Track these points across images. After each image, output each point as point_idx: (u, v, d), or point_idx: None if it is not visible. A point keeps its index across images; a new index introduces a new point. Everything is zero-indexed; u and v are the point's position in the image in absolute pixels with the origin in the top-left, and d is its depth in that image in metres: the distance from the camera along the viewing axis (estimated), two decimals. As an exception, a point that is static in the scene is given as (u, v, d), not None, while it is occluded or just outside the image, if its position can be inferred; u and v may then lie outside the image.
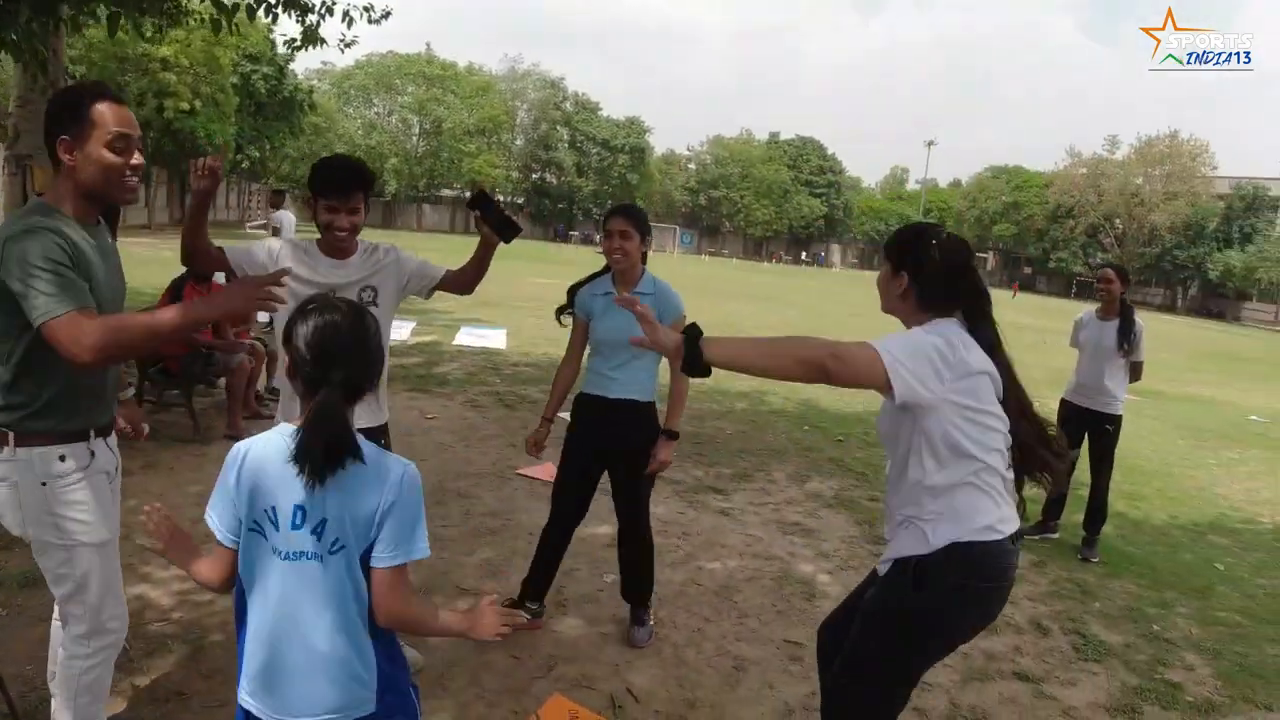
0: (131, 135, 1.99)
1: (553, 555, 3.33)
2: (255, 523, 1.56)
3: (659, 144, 74.33)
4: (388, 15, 7.44)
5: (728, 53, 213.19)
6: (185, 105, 24.98)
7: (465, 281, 2.85)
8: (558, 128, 59.42)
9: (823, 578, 4.15)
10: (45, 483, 1.99)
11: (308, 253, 2.64)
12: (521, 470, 5.33)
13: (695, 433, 6.73)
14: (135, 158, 2.01)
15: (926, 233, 2.10)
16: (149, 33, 6.26)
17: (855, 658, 2.08)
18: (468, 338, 10.58)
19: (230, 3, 5.88)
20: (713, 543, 4.46)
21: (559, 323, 3.37)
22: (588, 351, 3.30)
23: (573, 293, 3.29)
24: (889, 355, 1.84)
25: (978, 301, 2.04)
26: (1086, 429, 5.07)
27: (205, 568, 1.64)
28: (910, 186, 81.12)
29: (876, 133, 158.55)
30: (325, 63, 53.69)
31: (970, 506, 1.95)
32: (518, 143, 60.55)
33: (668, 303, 3.14)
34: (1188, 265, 51.73)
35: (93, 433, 2.07)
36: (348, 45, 7.38)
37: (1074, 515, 5.17)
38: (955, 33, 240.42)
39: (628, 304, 1.93)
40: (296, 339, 1.53)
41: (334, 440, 1.48)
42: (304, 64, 49.73)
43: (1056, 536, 5.15)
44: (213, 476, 1.60)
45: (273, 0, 6.38)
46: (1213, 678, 3.56)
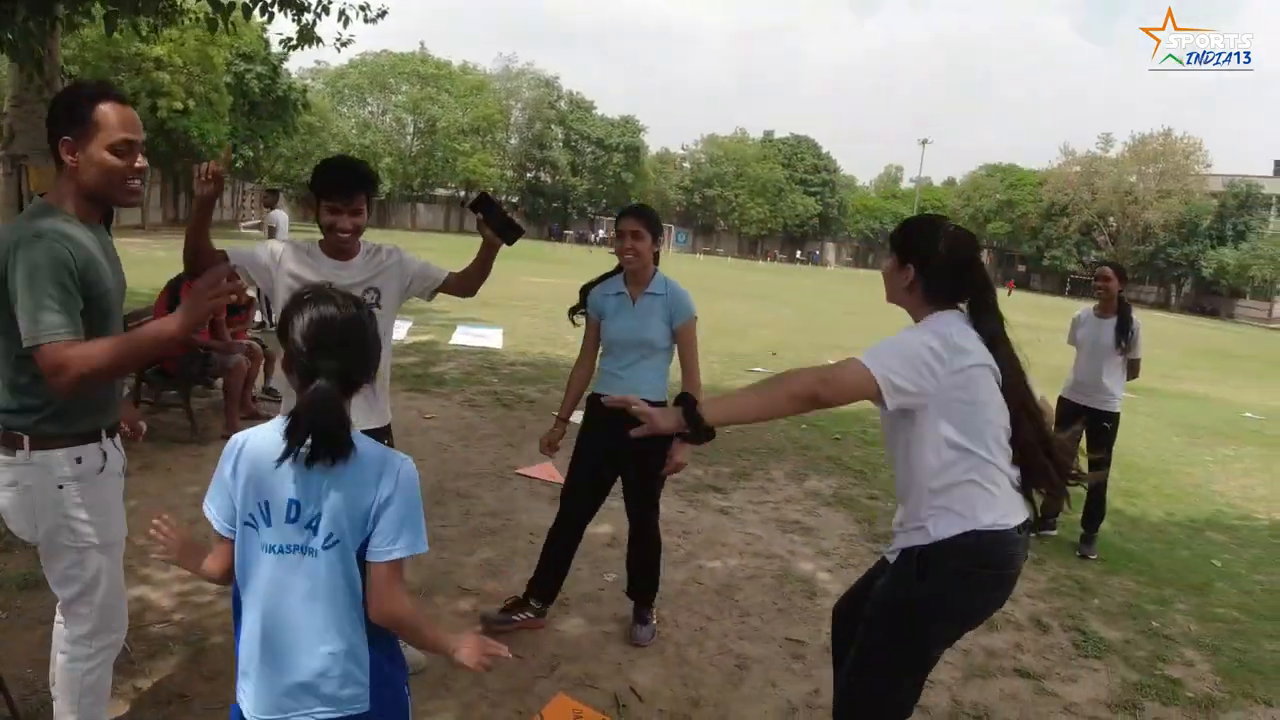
0: (135, 140, 1.97)
1: (562, 555, 3.31)
2: (250, 516, 1.54)
3: (654, 143, 74.23)
4: (384, 14, 7.41)
5: (724, 52, 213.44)
6: (179, 105, 24.93)
7: (468, 284, 2.84)
8: (552, 127, 59.27)
9: (823, 576, 4.16)
10: (62, 485, 1.97)
11: (310, 254, 2.62)
12: (521, 470, 5.33)
13: (694, 431, 6.72)
14: (139, 161, 1.99)
15: (934, 225, 2.12)
16: (145, 31, 6.23)
17: (866, 648, 2.10)
18: (464, 337, 10.57)
19: (226, 1, 5.86)
20: (713, 541, 4.47)
21: (572, 322, 3.37)
22: (600, 351, 3.29)
23: (585, 292, 3.29)
24: (878, 366, 1.88)
25: (983, 294, 2.06)
26: (1084, 426, 5.09)
27: (208, 561, 1.63)
28: (904, 185, 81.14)
29: (870, 131, 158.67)
30: (319, 62, 53.62)
31: (971, 501, 1.97)
32: (512, 142, 60.40)
33: (679, 303, 3.14)
34: (1181, 263, 51.90)
35: (104, 433, 2.06)
36: (344, 44, 7.35)
37: (1072, 513, 5.18)
38: (950, 33, 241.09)
39: (621, 404, 2.01)
40: (291, 330, 1.50)
41: (324, 429, 1.45)
42: (298, 63, 49.68)
43: (1055, 534, 5.16)
44: (210, 477, 1.59)
45: (269, -1, 6.37)
46: (1212, 673, 3.58)
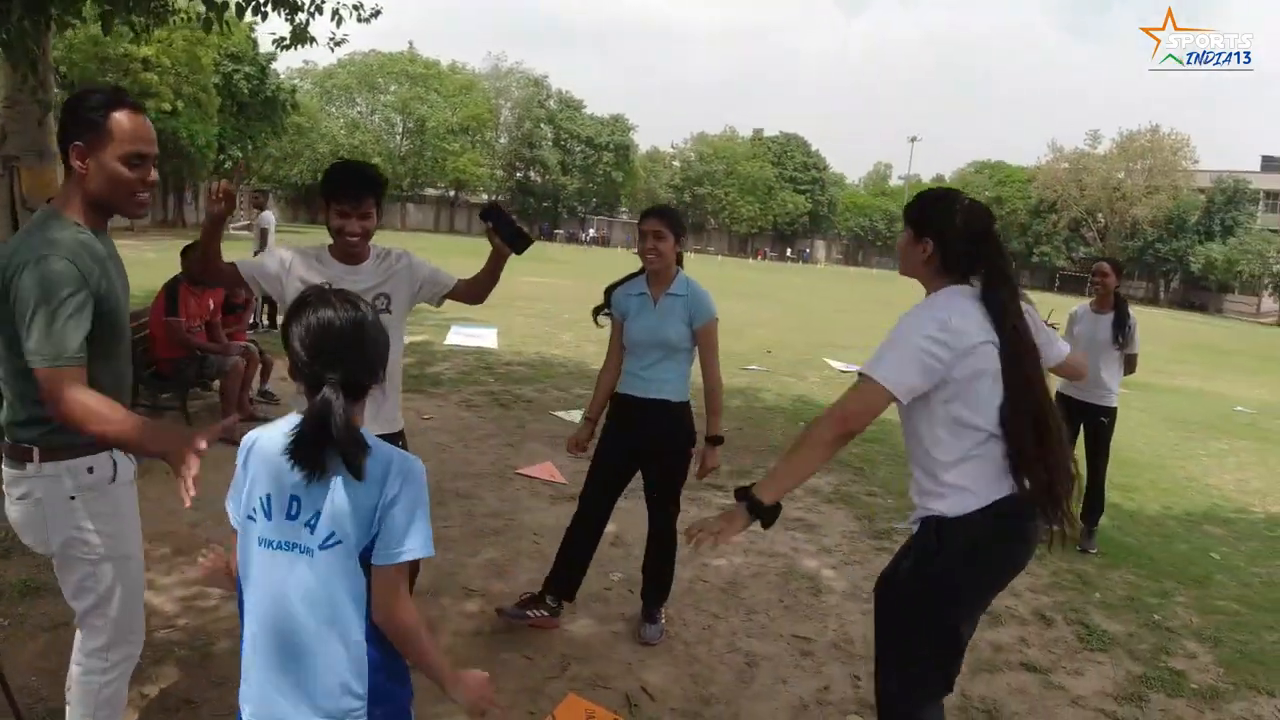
0: (148, 153, 1.92)
1: (580, 553, 3.30)
2: (252, 510, 1.51)
3: (643, 141, 74.23)
4: (377, 14, 7.36)
5: (712, 51, 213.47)
6: (167, 106, 24.77)
7: (477, 291, 2.84)
8: (541, 126, 59.16)
9: (827, 573, 4.17)
10: (74, 496, 1.93)
11: (320, 259, 2.60)
12: (521, 470, 5.32)
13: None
14: (150, 175, 1.94)
15: (950, 198, 2.12)
16: (140, 30, 6.17)
17: (897, 624, 2.13)
18: (459, 337, 10.54)
19: (220, 1, 5.82)
20: (716, 540, 4.46)
21: (596, 323, 3.37)
22: (624, 351, 3.29)
23: (609, 293, 3.29)
24: (885, 376, 1.95)
25: (998, 265, 2.06)
26: (1082, 421, 5.11)
27: (233, 559, 1.61)
28: (894, 182, 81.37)
29: (860, 129, 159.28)
30: (307, 62, 53.30)
31: (981, 477, 2.00)
32: (501, 141, 60.23)
33: (700, 304, 3.14)
34: (1169, 258, 52.15)
35: None
36: (337, 44, 7.31)
37: (1071, 507, 5.20)
38: (939, 31, 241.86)
39: (702, 540, 1.97)
40: (292, 337, 1.47)
41: (332, 439, 1.41)
42: (286, 63, 49.22)
43: (1055, 528, 5.18)
44: (208, 480, 1.56)
45: (261, -1, 6.32)
46: (1215, 665, 3.60)
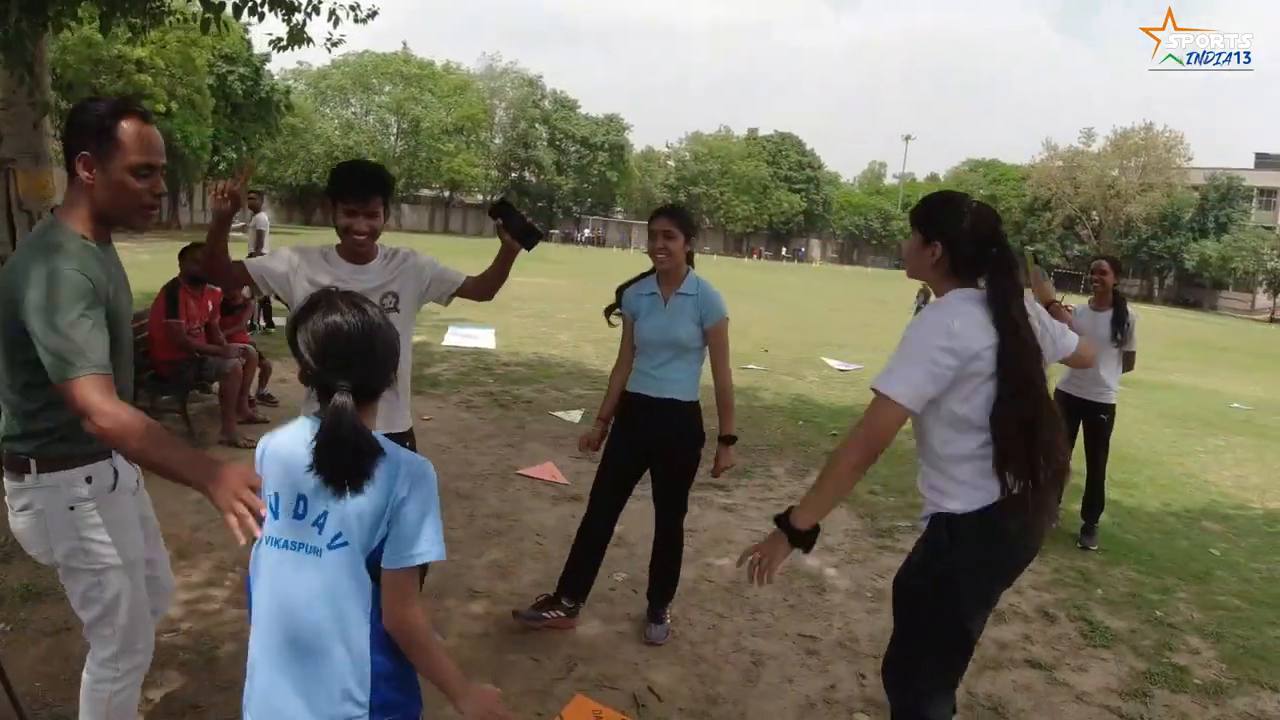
0: (157, 164, 1.90)
1: (591, 553, 3.31)
2: (271, 508, 1.51)
3: (638, 141, 74.05)
4: (374, 14, 7.33)
5: (704, 50, 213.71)
6: (161, 107, 24.69)
7: (485, 288, 2.82)
8: (536, 126, 59.11)
9: (830, 571, 4.17)
10: (73, 506, 1.92)
11: (327, 259, 2.59)
12: (523, 471, 5.31)
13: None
14: (158, 186, 1.92)
15: (958, 202, 2.13)
16: (137, 31, 6.15)
17: (905, 618, 2.17)
18: (456, 338, 10.53)
19: (218, 1, 5.80)
20: (719, 539, 4.47)
21: (608, 322, 3.37)
22: (635, 350, 3.29)
23: (620, 293, 3.29)
24: (897, 390, 1.97)
25: (1005, 267, 2.07)
26: (1081, 418, 5.13)
27: None
28: (888, 181, 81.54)
29: (854, 128, 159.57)
30: (301, 63, 53.18)
31: (988, 475, 2.01)
32: (496, 141, 60.18)
33: (710, 304, 3.15)
34: (1164, 255, 52.31)
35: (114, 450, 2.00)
36: (335, 44, 7.28)
37: (1071, 504, 5.22)
38: (933, 29, 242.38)
39: (756, 574, 2.05)
40: (299, 343, 1.44)
41: (350, 450, 1.40)
42: (280, 64, 49.05)
43: (1056, 525, 5.19)
44: None
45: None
46: (1218, 660, 3.61)
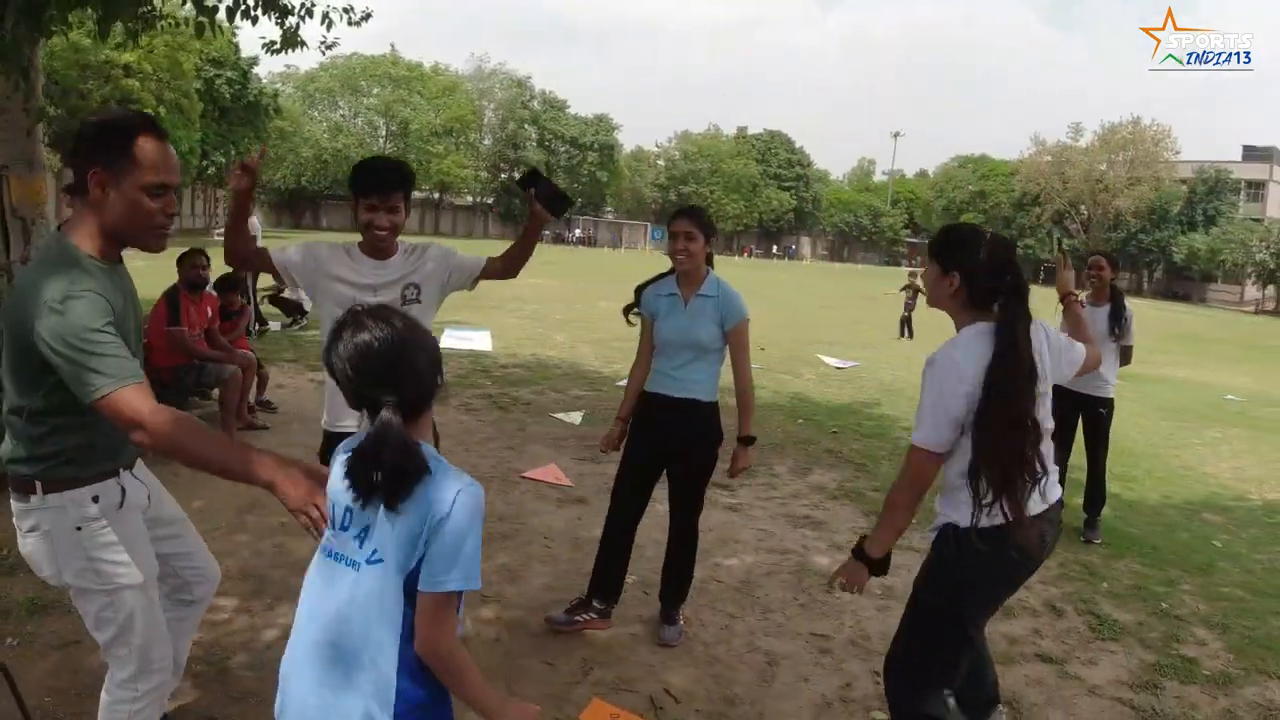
0: (171, 184, 1.86)
1: (619, 554, 3.31)
2: (330, 518, 1.53)
3: (627, 141, 73.99)
4: (368, 17, 7.28)
5: (694, 50, 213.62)
6: (149, 112, 24.55)
7: (510, 265, 2.84)
8: (525, 127, 59.04)
9: (839, 569, 4.16)
10: (80, 527, 1.89)
11: (350, 254, 2.63)
12: (526, 474, 5.30)
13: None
14: (171, 207, 1.88)
15: (975, 234, 2.26)
16: (131, 35, 6.10)
17: (910, 619, 2.30)
18: (452, 340, 10.51)
19: (211, 4, 5.76)
20: (726, 539, 4.46)
21: (627, 321, 3.38)
22: (654, 350, 3.29)
23: (639, 292, 3.29)
24: (930, 441, 2.13)
25: (1018, 294, 2.18)
26: (1080, 413, 5.15)
27: None
28: (877, 178, 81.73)
29: (843, 125, 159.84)
30: (289, 66, 52.80)
31: None
32: (485, 142, 60.06)
33: (731, 305, 3.15)
34: (1153, 249, 52.60)
35: (121, 469, 1.99)
36: (328, 47, 7.24)
37: (1073, 498, 5.24)
38: (920, 25, 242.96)
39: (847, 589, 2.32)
40: (334, 365, 1.44)
41: (391, 467, 1.39)
42: (267, 67, 48.84)
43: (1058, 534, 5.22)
44: (210, 490, 1.56)
45: (252, 2, 6.26)
46: (1225, 651, 3.64)
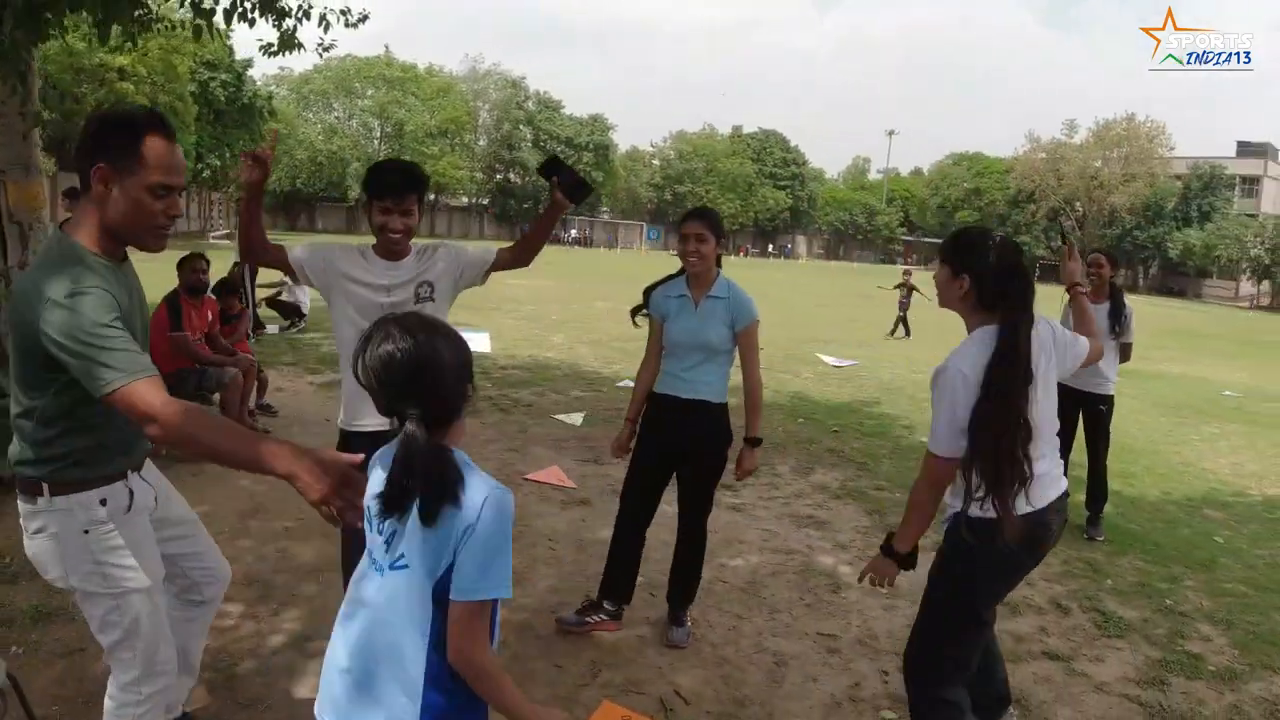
0: (176, 185, 1.85)
1: (630, 554, 3.31)
2: (368, 512, 1.53)
3: (622, 141, 74.03)
4: (365, 18, 7.28)
5: (687, 49, 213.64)
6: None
7: (522, 253, 2.84)
8: (520, 127, 58.93)
9: (844, 569, 4.17)
10: (88, 530, 1.88)
11: (364, 255, 2.66)
12: (529, 476, 5.30)
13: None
14: (175, 208, 1.86)
15: (984, 237, 2.32)
16: (130, 37, 6.08)
17: (925, 605, 2.42)
18: (452, 342, 10.48)
19: (209, 8, 5.75)
20: (731, 539, 4.46)
21: (634, 323, 3.38)
22: (663, 352, 3.29)
23: (648, 294, 3.29)
24: (945, 449, 2.21)
25: (1024, 297, 2.24)
26: (1080, 410, 5.16)
27: None
28: (872, 176, 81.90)
29: (838, 124, 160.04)
30: (283, 68, 52.65)
31: None
32: (480, 143, 59.95)
33: (741, 307, 3.15)
34: (1148, 245, 52.63)
35: (129, 470, 1.98)
36: (326, 50, 7.23)
37: (1075, 496, 5.24)
38: (915, 24, 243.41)
39: (875, 585, 2.47)
40: (360, 378, 1.44)
41: (425, 480, 1.37)
42: (262, 70, 48.79)
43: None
44: (212, 495, 1.55)
45: (249, 4, 6.25)
46: (1230, 647, 3.65)
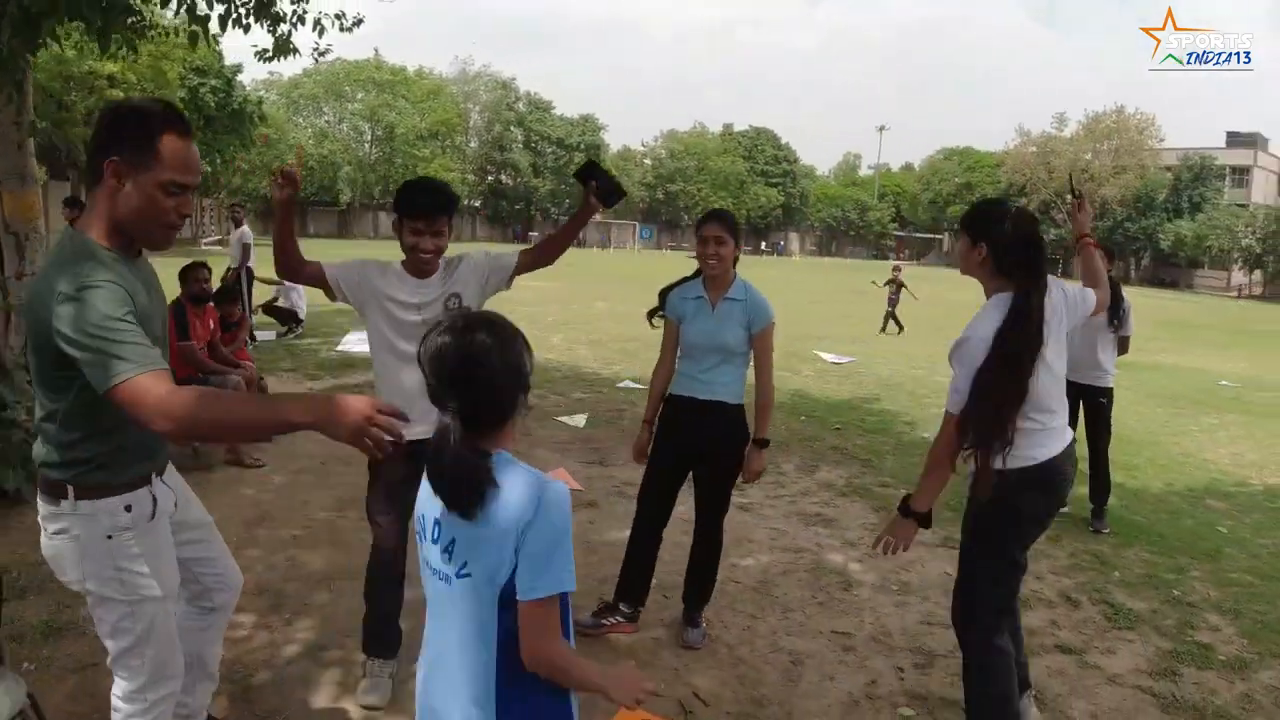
0: (190, 184, 1.83)
1: (645, 556, 3.32)
2: (420, 525, 1.53)
3: (614, 141, 73.95)
4: (360, 22, 7.27)
5: (676, 48, 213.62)
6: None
7: (546, 253, 2.90)
8: (511, 128, 58.94)
9: (854, 566, 4.19)
10: (111, 535, 1.86)
11: (396, 274, 2.75)
12: (535, 477, 5.28)
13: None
14: (187, 206, 1.85)
15: (1001, 207, 2.47)
16: (128, 44, 6.06)
17: (965, 553, 2.61)
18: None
19: (203, 14, 5.73)
20: (740, 539, 4.46)
21: (650, 325, 3.39)
22: (679, 353, 3.30)
23: (664, 295, 3.29)
24: (962, 407, 2.36)
25: (1039, 265, 2.39)
26: (1081, 402, 5.18)
27: None
28: (863, 172, 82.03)
29: (828, 120, 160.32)
30: (272, 73, 52.51)
31: (1028, 439, 2.38)
32: (472, 145, 59.93)
33: (758, 309, 3.16)
34: (1139, 237, 52.81)
35: (153, 475, 1.97)
36: (321, 54, 7.22)
37: (1078, 489, 5.26)
38: (905, 19, 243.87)
39: (889, 546, 2.64)
40: (420, 362, 1.46)
41: (450, 476, 1.39)
42: (251, 74, 48.44)
43: (1066, 510, 5.24)
44: (217, 503, 1.55)
45: (244, 11, 6.22)
46: (1238, 636, 3.67)
